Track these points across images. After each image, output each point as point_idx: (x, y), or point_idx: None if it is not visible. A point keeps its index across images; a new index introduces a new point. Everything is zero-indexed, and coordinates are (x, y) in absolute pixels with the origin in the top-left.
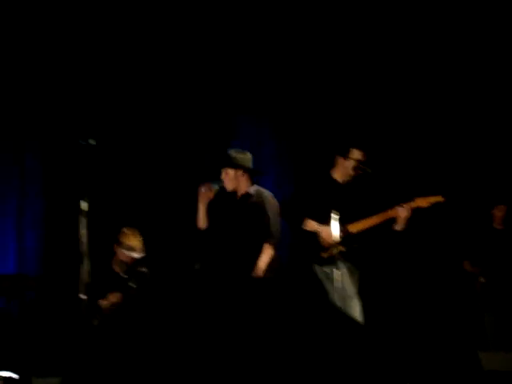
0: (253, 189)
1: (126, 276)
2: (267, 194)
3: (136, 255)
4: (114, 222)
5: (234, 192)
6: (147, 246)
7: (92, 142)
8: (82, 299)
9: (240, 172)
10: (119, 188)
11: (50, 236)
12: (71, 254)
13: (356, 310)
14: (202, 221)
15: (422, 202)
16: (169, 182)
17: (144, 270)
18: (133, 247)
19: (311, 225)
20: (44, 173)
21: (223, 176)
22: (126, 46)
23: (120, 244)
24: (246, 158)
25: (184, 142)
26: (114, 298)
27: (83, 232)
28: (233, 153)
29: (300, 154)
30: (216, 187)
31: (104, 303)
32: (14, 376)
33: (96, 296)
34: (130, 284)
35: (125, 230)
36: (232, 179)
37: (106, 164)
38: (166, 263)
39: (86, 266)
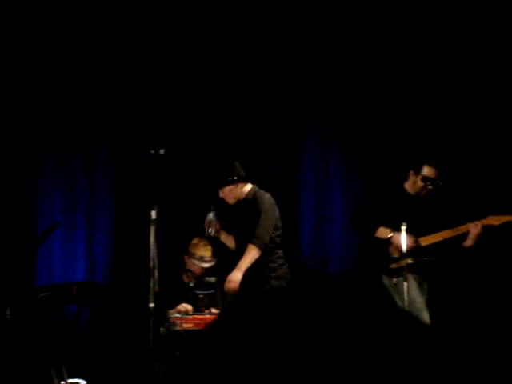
0: (251, 192)
1: (194, 286)
2: (262, 195)
3: (206, 265)
4: (184, 231)
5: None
6: (217, 255)
7: (162, 151)
8: (150, 308)
9: (232, 185)
10: (188, 197)
11: (120, 245)
12: (140, 264)
13: (425, 322)
14: (234, 246)
15: (495, 220)
16: None
17: (213, 279)
18: (203, 257)
19: (384, 232)
20: (114, 183)
21: (221, 195)
22: (196, 59)
23: (190, 254)
24: (233, 168)
25: (252, 152)
26: (182, 308)
27: (152, 241)
28: (218, 170)
29: (369, 167)
30: (212, 216)
31: (172, 313)
32: (83, 382)
33: (164, 306)
34: (199, 294)
35: (195, 240)
36: (228, 194)
37: (175, 173)
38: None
39: (155, 275)
